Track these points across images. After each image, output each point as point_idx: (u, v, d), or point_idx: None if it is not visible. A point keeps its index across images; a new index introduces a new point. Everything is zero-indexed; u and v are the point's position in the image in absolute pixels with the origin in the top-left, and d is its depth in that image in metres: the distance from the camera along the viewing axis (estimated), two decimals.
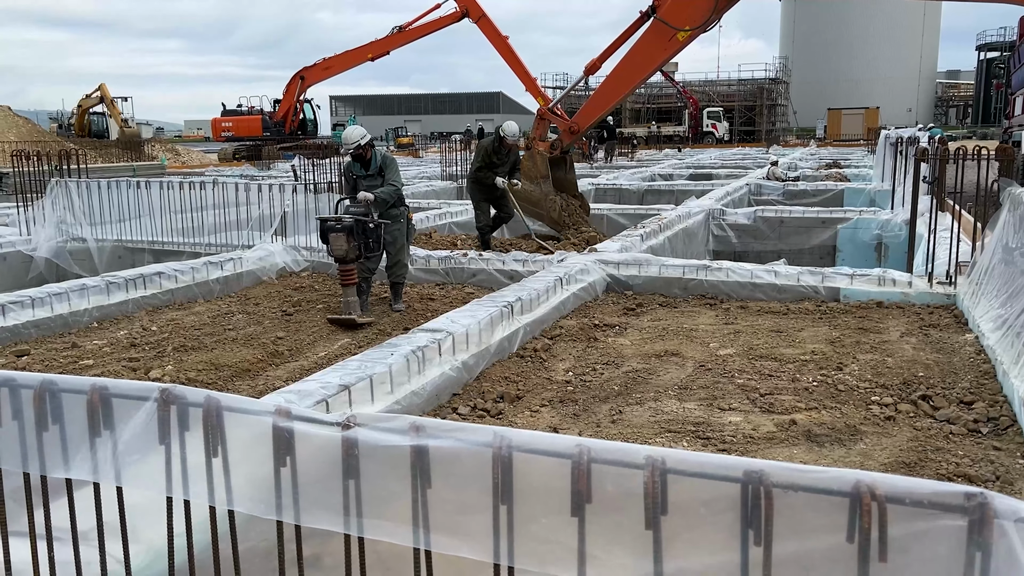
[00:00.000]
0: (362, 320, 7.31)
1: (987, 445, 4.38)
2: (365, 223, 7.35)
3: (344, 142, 7.86)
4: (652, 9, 10.83)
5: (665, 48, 11.01)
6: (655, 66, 12.02)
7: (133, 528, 2.16)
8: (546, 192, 11.39)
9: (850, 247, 13.13)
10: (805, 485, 1.45)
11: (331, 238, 7.28)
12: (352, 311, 7.34)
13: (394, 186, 7.64)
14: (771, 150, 39.73)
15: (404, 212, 7.92)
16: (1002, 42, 69.17)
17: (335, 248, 7.29)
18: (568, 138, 12.14)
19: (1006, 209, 6.73)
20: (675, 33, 10.67)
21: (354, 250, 7.28)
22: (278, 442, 1.81)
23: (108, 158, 31.33)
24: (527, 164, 11.41)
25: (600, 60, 11.98)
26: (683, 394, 5.27)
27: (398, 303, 7.95)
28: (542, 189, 11.33)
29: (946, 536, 1.37)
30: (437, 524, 1.72)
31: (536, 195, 11.28)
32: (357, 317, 7.29)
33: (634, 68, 11.44)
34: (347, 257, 7.29)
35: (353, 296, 7.41)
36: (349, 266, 7.35)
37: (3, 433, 2.09)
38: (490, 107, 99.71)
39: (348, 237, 7.22)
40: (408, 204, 8.03)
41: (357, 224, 7.27)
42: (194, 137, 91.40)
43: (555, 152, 11.85)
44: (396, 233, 7.82)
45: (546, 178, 11.40)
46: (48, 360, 6.22)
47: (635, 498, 1.56)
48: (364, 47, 29.85)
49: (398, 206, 7.82)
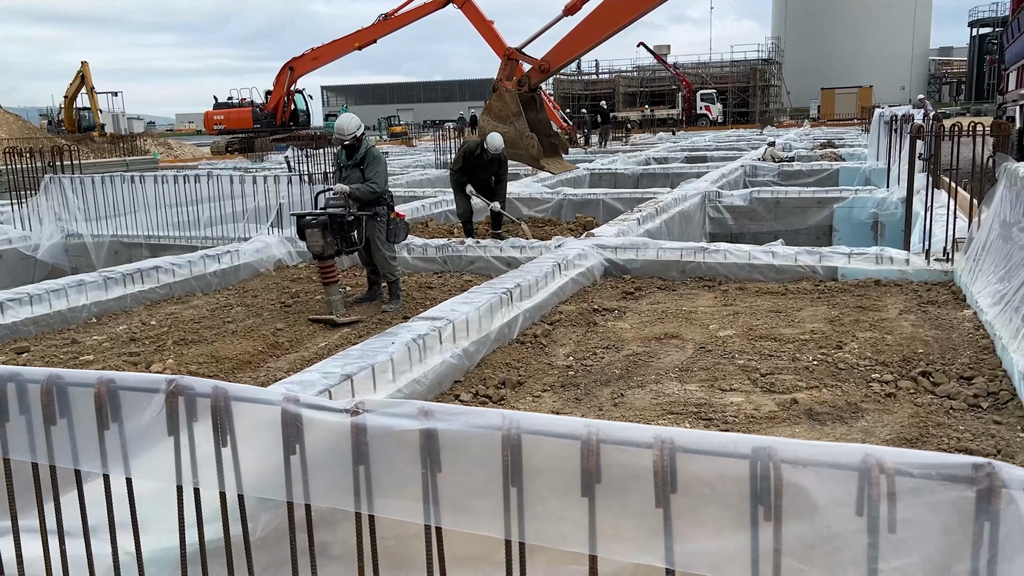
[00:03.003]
0: (342, 320, 7.04)
1: (987, 420, 4.41)
2: (342, 217, 7.07)
3: (338, 132, 7.56)
4: None
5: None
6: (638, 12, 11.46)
7: (142, 520, 2.17)
8: (521, 130, 10.91)
9: (846, 226, 13.14)
10: (814, 460, 1.46)
11: (307, 234, 7.03)
12: (334, 310, 7.12)
13: (371, 188, 7.26)
14: (765, 131, 39.69)
15: (383, 211, 7.46)
16: (994, 18, 69.07)
17: (311, 244, 7.04)
18: (537, 76, 11.57)
19: (1002, 185, 6.73)
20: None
21: (331, 246, 7.03)
22: (287, 430, 1.81)
23: (100, 153, 31.19)
24: (496, 104, 11.00)
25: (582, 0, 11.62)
26: (684, 376, 5.29)
27: (387, 303, 7.61)
28: (516, 127, 10.85)
29: (955, 507, 1.38)
30: (447, 506, 1.73)
31: (511, 134, 10.78)
32: (338, 317, 7.06)
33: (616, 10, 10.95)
34: (324, 253, 7.03)
35: (336, 295, 7.17)
36: (328, 263, 7.10)
37: (11, 428, 2.10)
38: (482, 94, 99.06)
39: (324, 232, 6.96)
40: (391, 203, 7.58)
41: (332, 220, 7.01)
42: (186, 131, 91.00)
43: (523, 89, 11.32)
44: (374, 232, 7.44)
45: (518, 115, 10.88)
46: (48, 356, 6.22)
47: (644, 477, 1.57)
48: (351, 36, 29.79)
49: (374, 205, 7.42)
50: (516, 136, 10.93)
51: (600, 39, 12.06)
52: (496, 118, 10.93)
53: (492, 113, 10.97)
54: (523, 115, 11.06)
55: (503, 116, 10.99)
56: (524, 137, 10.98)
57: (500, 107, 11.06)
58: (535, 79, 11.58)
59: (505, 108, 11.01)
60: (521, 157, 11.02)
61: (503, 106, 11.04)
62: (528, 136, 11.02)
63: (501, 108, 11.04)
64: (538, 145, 11.13)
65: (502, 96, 11.13)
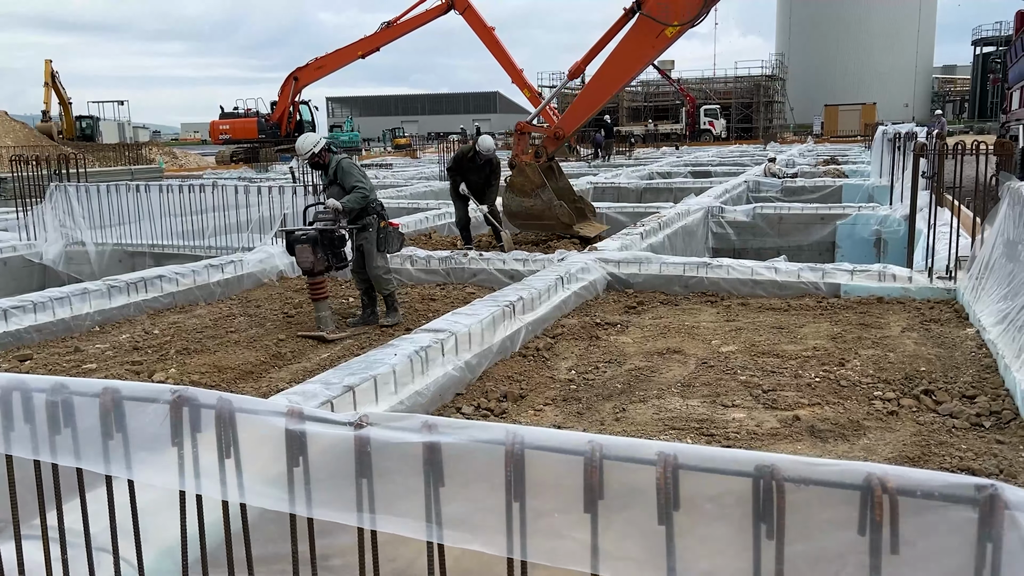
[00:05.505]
0: (332, 336, 6.93)
1: (990, 439, 4.40)
2: (331, 232, 6.98)
3: (297, 152, 7.49)
4: (637, 5, 10.44)
5: (653, 45, 10.58)
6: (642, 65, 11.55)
7: (143, 529, 2.17)
8: (548, 200, 10.85)
9: (849, 243, 13.15)
10: (816, 479, 1.46)
11: (297, 250, 6.94)
12: (324, 327, 7.02)
13: (358, 194, 7.09)
14: (768, 147, 39.77)
15: (373, 221, 7.30)
16: (998, 36, 69.21)
17: (301, 260, 6.95)
18: (552, 145, 11.52)
19: (1005, 204, 6.74)
20: (663, 29, 10.27)
21: (321, 262, 6.94)
22: (291, 442, 1.82)
23: (104, 162, 31.31)
24: (518, 180, 10.88)
25: (584, 62, 11.51)
26: (686, 391, 5.28)
27: (383, 317, 7.43)
28: (543, 199, 10.84)
29: (957, 528, 1.38)
30: (450, 520, 1.74)
31: (539, 207, 10.89)
32: (327, 333, 6.95)
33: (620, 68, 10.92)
34: (315, 269, 6.94)
35: (325, 311, 7.06)
36: (318, 279, 7.00)
37: (15, 436, 2.10)
38: (487, 107, 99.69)
39: (314, 248, 6.87)
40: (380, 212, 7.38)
41: (322, 235, 6.91)
42: (191, 140, 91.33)
43: (540, 160, 11.31)
44: (364, 243, 7.31)
45: (543, 186, 10.88)
46: (51, 364, 6.23)
47: (647, 494, 1.57)
48: (354, 45, 29.95)
49: (364, 216, 7.26)
50: (544, 207, 10.85)
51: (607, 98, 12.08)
52: (520, 193, 10.85)
53: (515, 189, 10.88)
54: (547, 185, 10.96)
55: (527, 191, 10.86)
56: (553, 207, 10.91)
57: (523, 182, 10.93)
58: (551, 148, 11.48)
59: (528, 182, 10.89)
60: (553, 227, 10.94)
61: (525, 181, 10.91)
62: (557, 205, 10.93)
63: (524, 183, 10.91)
64: (568, 211, 11.07)
65: (523, 171, 11.01)
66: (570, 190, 11.95)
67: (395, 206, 15.29)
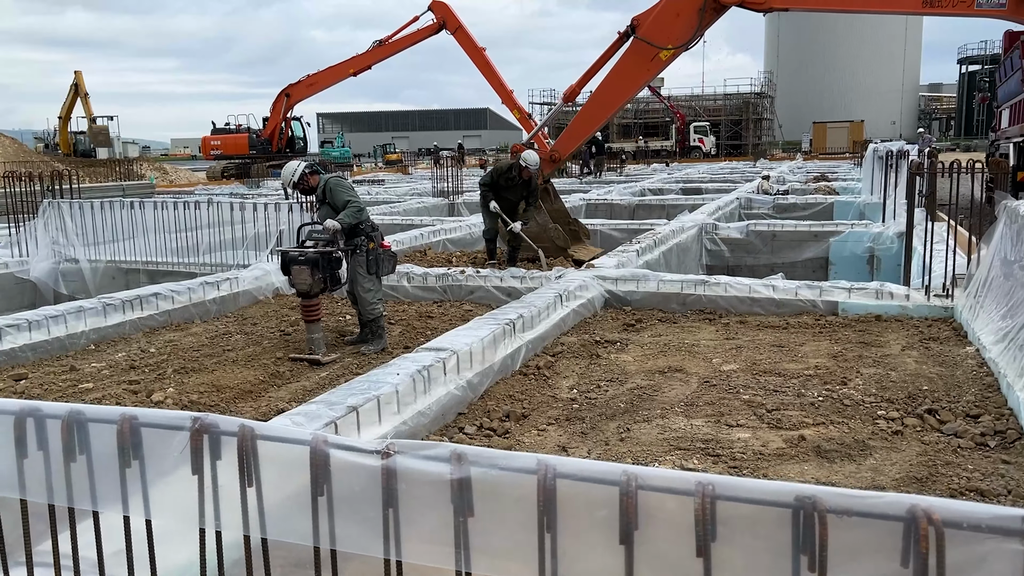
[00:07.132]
0: (326, 359, 6.82)
1: (996, 459, 4.39)
2: (330, 254, 6.84)
3: (282, 183, 7.39)
4: (632, 28, 10.54)
5: (648, 68, 10.71)
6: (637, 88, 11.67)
7: (158, 552, 2.13)
8: (543, 223, 10.97)
9: (842, 260, 13.21)
10: (860, 510, 1.44)
11: (294, 271, 6.77)
12: (316, 349, 6.90)
13: (350, 210, 6.95)
14: (759, 163, 40.00)
15: (362, 242, 7.11)
16: (983, 55, 70.14)
17: (298, 282, 6.77)
18: (549, 167, 11.61)
19: (1002, 222, 6.78)
20: (657, 52, 10.40)
21: (318, 284, 6.79)
22: (316, 471, 1.79)
23: (96, 178, 31.15)
24: None
25: (579, 85, 11.54)
26: (690, 411, 5.26)
27: (365, 345, 7.19)
28: (538, 222, 10.92)
29: (1004, 560, 1.37)
30: (479, 550, 1.71)
31: (534, 229, 10.92)
32: (321, 356, 6.83)
33: (616, 90, 11.08)
34: (311, 291, 6.81)
35: (318, 333, 6.93)
36: (312, 301, 6.86)
37: (28, 464, 2.06)
38: (478, 123, 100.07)
39: (312, 270, 6.71)
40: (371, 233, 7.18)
41: (323, 257, 6.76)
42: (181, 155, 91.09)
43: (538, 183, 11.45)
44: (353, 265, 7.11)
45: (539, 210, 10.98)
46: (47, 384, 6.15)
47: (684, 525, 1.55)
48: (346, 62, 30.03)
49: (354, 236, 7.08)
50: (539, 230, 10.96)
51: (602, 121, 12.25)
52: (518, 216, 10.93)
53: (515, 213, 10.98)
54: (543, 208, 11.07)
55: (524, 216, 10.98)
56: (547, 230, 11.00)
57: None
58: (547, 170, 11.59)
59: None
60: (548, 250, 10.98)
61: None
62: (552, 228, 11.04)
63: None
64: (563, 234, 11.15)
65: None
66: (565, 212, 12.03)
67: (389, 223, 15.28)
